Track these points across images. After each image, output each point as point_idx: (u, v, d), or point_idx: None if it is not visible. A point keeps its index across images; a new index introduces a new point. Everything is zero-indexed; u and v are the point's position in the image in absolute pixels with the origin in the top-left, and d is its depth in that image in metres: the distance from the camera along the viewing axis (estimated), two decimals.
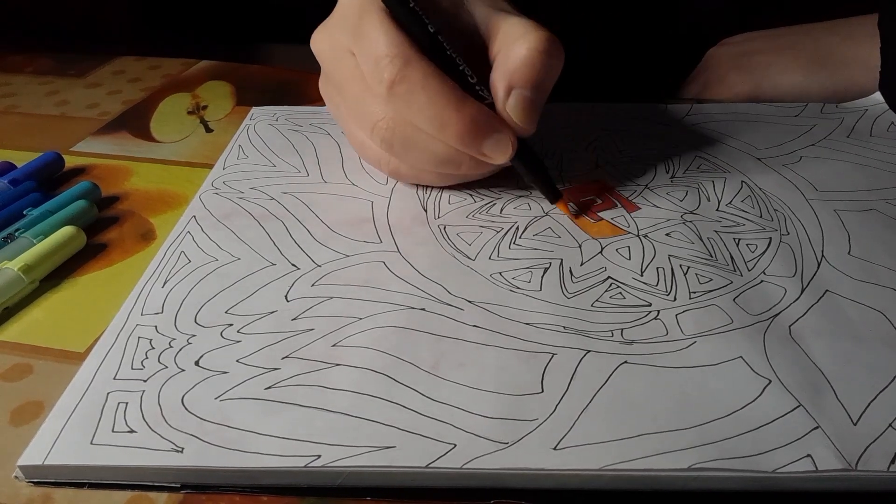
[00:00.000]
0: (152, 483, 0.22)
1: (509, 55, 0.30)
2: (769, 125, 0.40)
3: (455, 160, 0.31)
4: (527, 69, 0.29)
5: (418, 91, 0.29)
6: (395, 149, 0.31)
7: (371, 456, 0.22)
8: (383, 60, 0.29)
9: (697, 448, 0.22)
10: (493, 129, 0.30)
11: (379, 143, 0.31)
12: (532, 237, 0.31)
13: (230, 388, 0.24)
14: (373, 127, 0.31)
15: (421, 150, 0.31)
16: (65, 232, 0.32)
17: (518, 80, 0.29)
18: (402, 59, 0.29)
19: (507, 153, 0.30)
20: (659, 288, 0.28)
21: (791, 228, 0.32)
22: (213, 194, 0.35)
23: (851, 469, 0.21)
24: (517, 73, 0.29)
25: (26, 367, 0.26)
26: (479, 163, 0.31)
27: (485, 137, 0.30)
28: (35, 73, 0.51)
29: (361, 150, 0.34)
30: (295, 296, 0.28)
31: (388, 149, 0.31)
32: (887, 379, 0.24)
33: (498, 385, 0.24)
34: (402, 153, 0.31)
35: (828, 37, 0.45)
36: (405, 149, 0.31)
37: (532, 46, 0.29)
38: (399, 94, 0.29)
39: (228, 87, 0.48)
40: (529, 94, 0.30)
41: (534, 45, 0.29)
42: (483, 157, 0.30)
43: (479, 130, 0.29)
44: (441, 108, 0.29)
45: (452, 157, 0.31)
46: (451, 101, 0.29)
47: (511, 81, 0.30)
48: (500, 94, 0.30)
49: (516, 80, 0.30)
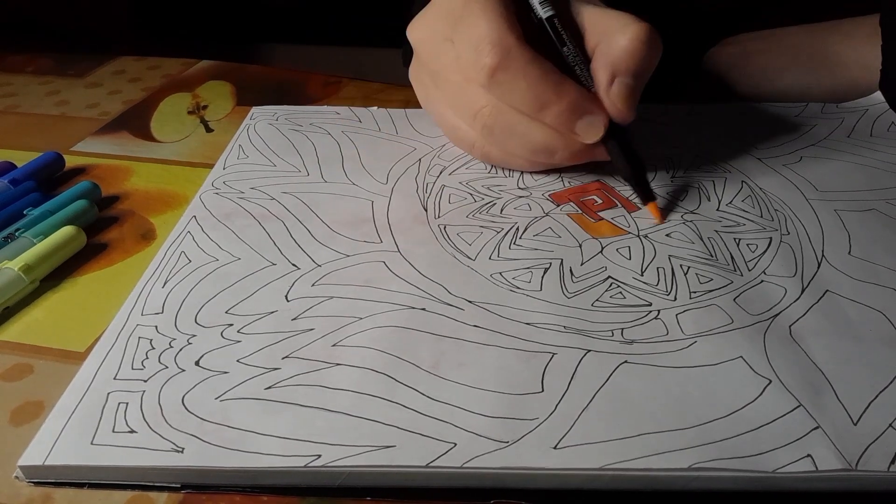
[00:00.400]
0: (152, 483, 0.22)
1: (611, 45, 0.31)
2: (769, 125, 0.40)
3: (551, 148, 0.32)
4: (629, 58, 0.31)
5: (520, 76, 0.30)
6: (496, 135, 0.33)
7: (371, 455, 0.22)
8: (485, 48, 0.30)
9: (697, 448, 0.22)
10: (589, 109, 0.31)
11: (480, 129, 0.33)
12: (532, 237, 0.31)
13: (230, 388, 0.24)
14: (475, 114, 0.32)
15: (520, 138, 0.32)
16: (65, 232, 0.32)
17: (621, 68, 0.31)
18: (503, 47, 0.30)
19: (598, 132, 0.31)
20: (659, 288, 0.28)
21: (791, 228, 0.32)
22: (213, 194, 0.35)
23: (851, 469, 0.21)
24: (620, 61, 0.31)
25: (26, 367, 0.26)
26: (572, 153, 0.33)
27: (580, 117, 0.31)
28: (35, 73, 0.51)
29: (452, 134, 0.36)
30: (295, 296, 0.28)
31: (488, 135, 0.33)
32: (887, 379, 0.24)
33: (498, 384, 0.24)
34: (502, 140, 0.33)
35: (828, 37, 0.45)
36: (505, 136, 0.33)
37: (634, 37, 0.31)
38: (500, 81, 0.30)
39: (228, 87, 0.48)
40: (631, 81, 0.31)
41: (636, 36, 0.31)
42: (574, 136, 0.32)
43: (575, 110, 0.31)
44: (541, 89, 0.30)
45: (549, 145, 0.32)
46: (551, 84, 0.30)
47: (615, 70, 0.31)
48: (604, 81, 0.31)
49: (619, 68, 0.31)
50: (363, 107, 0.42)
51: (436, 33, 0.33)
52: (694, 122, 0.40)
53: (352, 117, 0.41)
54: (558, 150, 0.33)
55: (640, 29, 0.31)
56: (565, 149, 0.32)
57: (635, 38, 0.31)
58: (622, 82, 0.31)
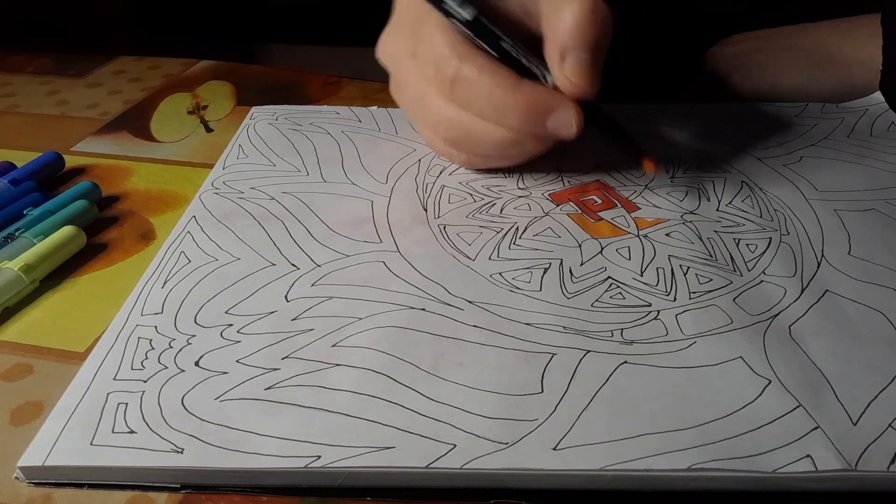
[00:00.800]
0: (152, 483, 0.22)
1: (556, 23, 0.30)
2: (769, 125, 0.40)
3: (519, 142, 0.32)
4: (577, 31, 0.29)
5: (475, 85, 0.30)
6: (459, 144, 0.33)
7: (371, 456, 0.22)
8: (441, 62, 0.30)
9: (697, 448, 0.22)
10: (553, 104, 0.30)
11: (443, 141, 0.33)
12: (532, 237, 0.31)
13: (230, 389, 0.24)
14: (435, 127, 0.33)
15: (484, 141, 0.32)
16: (65, 232, 0.32)
17: (570, 43, 0.29)
18: (456, 58, 0.30)
19: (572, 126, 0.30)
20: (659, 288, 0.28)
21: (791, 228, 0.32)
22: (213, 194, 0.35)
23: (851, 469, 0.21)
24: (567, 36, 0.29)
25: (26, 367, 0.26)
26: (542, 140, 0.32)
27: (547, 115, 0.30)
28: (35, 73, 0.51)
29: (432, 146, 0.36)
30: (295, 296, 0.28)
31: (453, 145, 0.33)
32: (887, 379, 0.24)
33: (498, 385, 0.24)
34: (468, 146, 0.33)
35: (828, 37, 0.45)
36: (469, 142, 0.33)
37: (576, 8, 0.29)
38: (459, 92, 0.30)
39: (228, 87, 0.48)
40: (584, 54, 0.29)
41: (578, 7, 0.29)
42: (549, 135, 0.31)
43: (539, 109, 0.30)
44: (498, 96, 0.30)
45: (516, 140, 0.32)
46: (507, 88, 0.29)
47: (563, 47, 0.29)
48: (556, 62, 0.30)
49: (568, 43, 0.29)
50: (363, 107, 0.42)
51: (401, 50, 0.34)
52: (694, 122, 0.40)
53: (352, 117, 0.41)
54: (525, 142, 0.32)
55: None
56: (532, 138, 0.32)
57: (577, 9, 0.29)
58: (574, 56, 0.29)
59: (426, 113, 0.33)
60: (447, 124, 0.32)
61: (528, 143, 0.32)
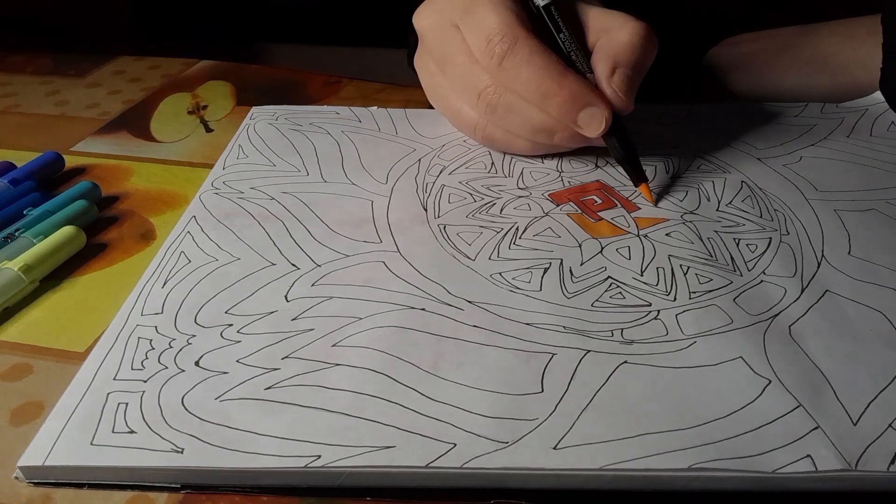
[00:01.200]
0: (152, 483, 0.22)
1: (612, 39, 0.33)
2: (769, 125, 0.40)
3: (550, 129, 0.34)
4: (630, 51, 0.33)
5: (524, 65, 0.32)
6: (498, 113, 0.34)
7: (371, 456, 0.22)
8: (495, 37, 0.32)
9: (697, 448, 0.22)
10: (590, 101, 0.32)
11: (484, 108, 0.34)
12: (532, 237, 0.31)
13: (230, 389, 0.24)
14: (479, 94, 0.34)
15: (520, 117, 0.34)
16: (65, 232, 0.32)
17: (622, 60, 0.33)
18: (511, 36, 0.32)
19: (600, 126, 0.33)
20: (659, 288, 0.28)
21: (791, 228, 0.32)
22: (213, 194, 0.35)
23: (851, 469, 0.21)
24: (621, 54, 0.33)
25: (26, 367, 0.26)
26: (571, 135, 0.34)
27: (581, 108, 0.32)
28: (35, 73, 0.51)
29: (456, 117, 0.37)
30: (295, 296, 0.28)
31: (491, 113, 0.34)
32: (887, 379, 0.24)
33: (498, 385, 0.24)
34: (503, 118, 0.34)
35: (828, 37, 0.45)
36: (507, 114, 0.34)
37: (634, 32, 0.33)
38: (507, 68, 0.32)
39: (228, 87, 0.48)
40: (631, 73, 0.33)
41: (636, 31, 0.33)
42: (576, 128, 0.33)
43: (576, 101, 0.32)
44: (545, 79, 0.32)
45: (548, 126, 0.34)
46: (554, 74, 0.32)
47: (616, 62, 0.33)
48: (605, 72, 0.33)
49: (620, 60, 0.33)
50: (363, 107, 0.42)
51: (443, 19, 0.35)
52: (694, 122, 0.40)
53: (352, 117, 0.41)
54: (558, 130, 0.34)
55: (639, 25, 0.33)
56: (565, 129, 0.34)
57: (635, 33, 0.33)
58: (623, 73, 0.33)
59: (470, 80, 0.34)
60: (493, 90, 0.33)
61: (557, 133, 0.34)
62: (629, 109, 0.33)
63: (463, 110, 0.36)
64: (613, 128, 0.33)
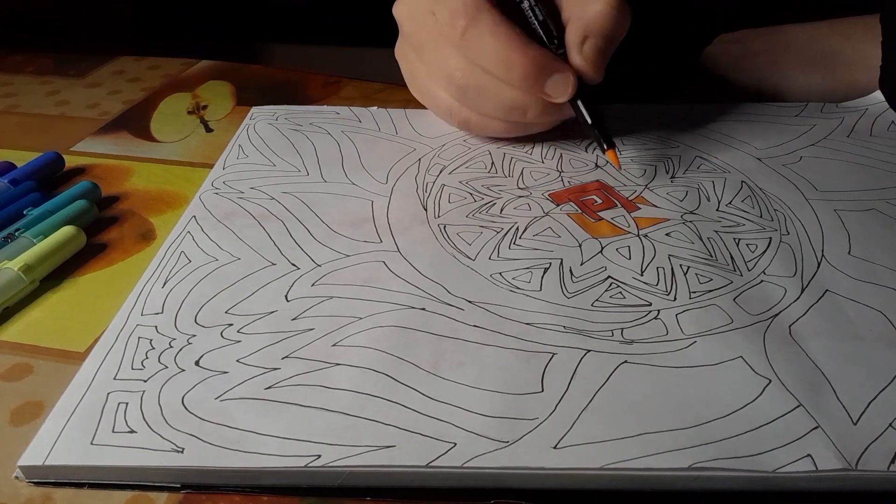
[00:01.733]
0: (152, 483, 0.22)
1: (585, 10, 0.33)
2: (769, 125, 0.40)
3: (521, 106, 0.34)
4: (602, 20, 0.33)
5: (487, 36, 0.32)
6: (468, 96, 0.35)
7: (371, 455, 0.22)
8: (458, 9, 0.32)
9: (697, 447, 0.22)
10: (555, 69, 0.33)
11: (454, 91, 0.35)
12: (532, 237, 0.31)
13: (230, 388, 0.24)
14: (449, 77, 0.34)
15: (491, 97, 0.34)
16: (65, 232, 0.32)
17: (593, 29, 0.33)
18: (474, 7, 0.32)
19: (567, 91, 0.33)
20: (659, 288, 0.28)
21: (791, 228, 0.32)
22: (213, 194, 0.35)
23: (851, 469, 0.21)
24: (592, 23, 0.33)
25: (26, 367, 0.26)
26: (544, 109, 0.34)
27: (547, 76, 0.33)
28: (35, 73, 0.51)
29: (434, 103, 0.38)
30: (295, 295, 0.28)
31: (462, 96, 0.35)
32: (887, 379, 0.24)
33: (498, 384, 0.24)
34: (474, 100, 0.35)
35: (828, 37, 0.45)
36: (477, 95, 0.34)
37: (607, 3, 0.33)
38: (470, 40, 0.32)
39: (228, 87, 0.48)
40: (601, 43, 0.33)
41: (608, 3, 0.33)
42: (545, 96, 0.33)
43: (541, 70, 0.32)
44: (508, 50, 0.32)
45: (519, 103, 0.34)
46: (517, 45, 0.32)
47: (587, 31, 0.33)
48: (576, 41, 0.33)
49: (592, 29, 0.33)
50: (363, 107, 0.42)
51: (420, 7, 0.35)
52: (694, 122, 0.40)
53: (352, 117, 0.41)
54: (529, 106, 0.34)
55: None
56: (536, 104, 0.34)
57: (607, 4, 0.33)
58: (593, 43, 0.33)
59: (441, 65, 0.35)
60: (458, 73, 0.34)
61: (530, 108, 0.34)
62: (598, 79, 0.34)
63: (439, 96, 0.37)
64: (581, 94, 0.34)
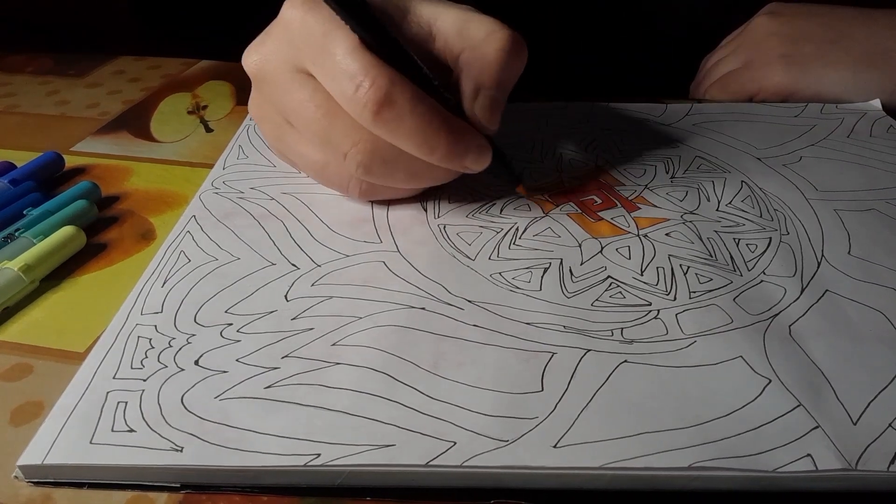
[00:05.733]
0: (152, 483, 0.22)
1: (477, 55, 0.30)
2: (769, 125, 0.40)
3: (435, 175, 0.31)
4: (494, 69, 0.29)
5: (408, 116, 0.27)
6: (375, 171, 0.30)
7: (371, 454, 0.22)
8: (364, 83, 0.27)
9: (697, 447, 0.22)
10: (474, 141, 0.29)
11: (355, 167, 0.30)
12: (532, 237, 0.31)
13: (230, 388, 0.24)
14: (346, 152, 0.29)
15: (401, 170, 0.30)
16: (65, 232, 0.32)
17: (485, 81, 0.29)
18: (386, 80, 0.27)
19: (486, 162, 0.30)
20: (659, 287, 0.28)
21: (791, 228, 0.32)
22: (213, 194, 0.35)
23: (851, 469, 0.21)
24: (485, 73, 0.29)
25: (26, 367, 0.26)
26: (452, 173, 0.31)
27: (468, 152, 0.29)
28: (35, 73, 0.51)
29: (320, 174, 0.32)
30: (295, 295, 0.28)
31: (366, 172, 0.30)
32: (887, 379, 0.24)
33: (498, 384, 0.24)
34: (382, 173, 0.30)
35: (884, 29, 0.42)
36: (386, 169, 0.30)
37: (498, 47, 0.29)
38: (387, 120, 0.27)
39: (228, 87, 0.48)
40: (496, 94, 0.30)
41: (500, 46, 0.29)
42: (465, 170, 0.30)
43: (464, 148, 0.29)
44: (430, 131, 0.28)
45: (432, 174, 0.31)
46: (437, 122, 0.28)
47: (478, 83, 0.29)
48: (469, 95, 0.30)
49: (484, 81, 0.29)
50: None
51: (284, 64, 0.30)
52: (694, 122, 0.40)
53: None
54: (442, 174, 0.31)
55: (504, 38, 0.29)
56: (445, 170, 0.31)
57: (500, 49, 0.29)
58: (487, 95, 0.29)
59: (332, 136, 0.29)
60: (363, 146, 0.29)
61: (438, 174, 0.31)
62: (494, 130, 0.30)
63: (329, 165, 0.31)
64: None
